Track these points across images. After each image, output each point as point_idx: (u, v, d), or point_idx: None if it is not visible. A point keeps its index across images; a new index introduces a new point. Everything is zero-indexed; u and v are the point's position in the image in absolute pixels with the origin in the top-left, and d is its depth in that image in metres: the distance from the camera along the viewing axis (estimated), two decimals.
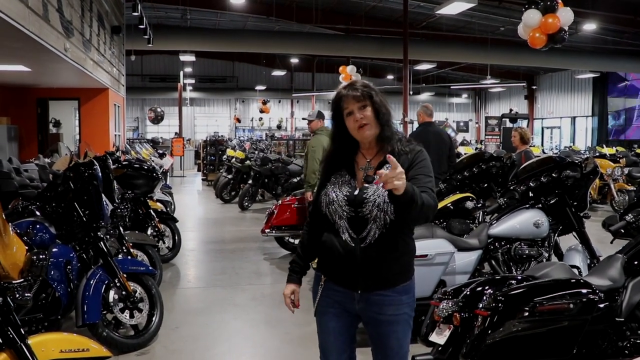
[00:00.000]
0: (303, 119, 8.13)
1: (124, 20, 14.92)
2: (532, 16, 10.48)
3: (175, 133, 27.99)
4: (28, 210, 4.64)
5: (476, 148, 21.24)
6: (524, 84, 33.27)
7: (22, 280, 3.78)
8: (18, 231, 4.11)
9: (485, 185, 7.04)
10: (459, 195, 6.45)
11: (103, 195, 4.66)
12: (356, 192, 2.41)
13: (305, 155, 7.36)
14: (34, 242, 4.20)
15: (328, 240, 2.46)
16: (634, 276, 3.41)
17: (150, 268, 5.05)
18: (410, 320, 2.49)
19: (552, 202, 5.21)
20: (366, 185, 2.40)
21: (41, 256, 3.93)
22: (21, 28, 5.95)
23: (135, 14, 13.18)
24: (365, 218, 2.38)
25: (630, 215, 4.27)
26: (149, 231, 7.11)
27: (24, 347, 2.60)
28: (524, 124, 25.12)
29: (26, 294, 3.16)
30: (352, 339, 2.56)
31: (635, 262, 3.52)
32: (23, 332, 2.65)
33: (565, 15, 10.35)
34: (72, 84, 11.98)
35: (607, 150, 16.49)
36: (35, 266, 3.86)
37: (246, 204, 12.87)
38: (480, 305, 3.07)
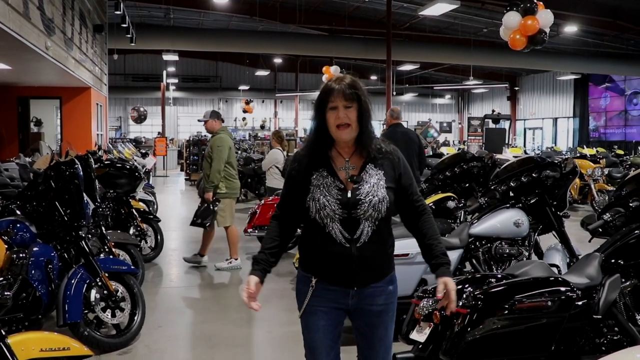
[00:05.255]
0: (198, 120, 7.84)
1: (107, 19, 14.81)
2: (512, 18, 10.60)
3: (158, 133, 27.87)
4: (8, 209, 4.62)
5: (459, 148, 21.38)
6: (507, 85, 33.56)
7: (1, 279, 3.77)
8: None
9: (467, 185, 7.09)
10: (440, 195, 6.50)
11: (85, 194, 4.64)
12: (349, 195, 2.38)
13: (207, 155, 7.18)
14: (14, 241, 4.17)
15: (320, 243, 2.41)
16: (611, 274, 3.46)
17: (132, 267, 5.04)
18: (395, 309, 2.55)
19: (532, 201, 5.26)
20: (355, 186, 2.39)
21: (21, 255, 3.91)
22: (1, 26, 5.89)
23: (118, 12, 13.08)
24: (358, 218, 2.38)
25: (607, 214, 4.34)
26: (131, 231, 7.09)
27: (3, 346, 2.58)
28: (506, 124, 25.34)
29: (6, 293, 3.15)
30: (339, 336, 2.55)
31: (612, 261, 3.58)
32: (3, 331, 2.63)
33: (545, 17, 10.48)
34: (53, 83, 11.88)
35: (587, 151, 16.67)
36: (15, 265, 3.84)
37: None
38: (460, 303, 3.10)
